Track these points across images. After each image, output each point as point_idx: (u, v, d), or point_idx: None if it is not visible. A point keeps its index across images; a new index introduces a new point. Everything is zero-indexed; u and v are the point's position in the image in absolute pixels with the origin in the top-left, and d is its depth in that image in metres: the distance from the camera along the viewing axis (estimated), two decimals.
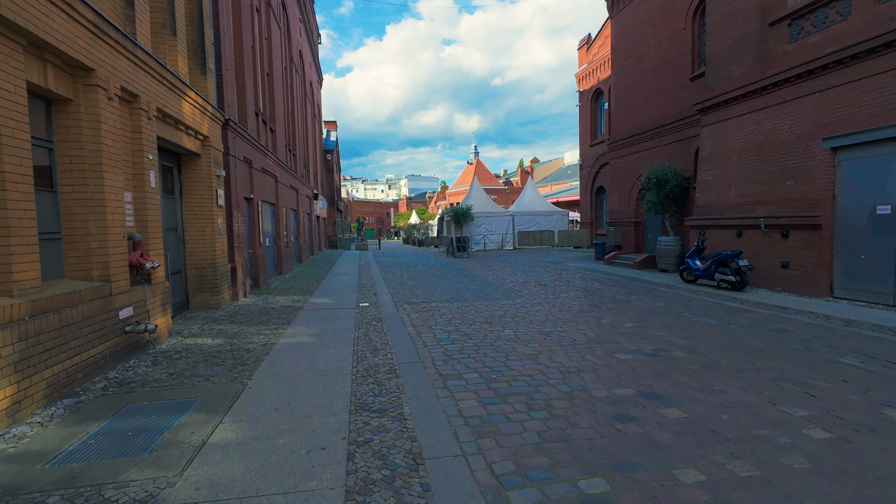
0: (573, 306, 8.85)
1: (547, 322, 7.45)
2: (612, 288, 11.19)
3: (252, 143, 11.46)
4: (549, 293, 10.52)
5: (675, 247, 13.46)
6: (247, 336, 6.46)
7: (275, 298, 10.02)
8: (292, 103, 20.09)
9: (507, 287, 11.59)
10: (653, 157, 15.33)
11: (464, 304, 9.12)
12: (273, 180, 14.61)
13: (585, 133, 26.70)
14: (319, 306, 8.98)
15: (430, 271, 15.87)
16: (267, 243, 13.54)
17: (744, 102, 10.80)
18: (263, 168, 12.91)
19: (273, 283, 12.84)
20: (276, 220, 14.84)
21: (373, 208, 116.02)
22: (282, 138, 16.45)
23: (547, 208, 29.79)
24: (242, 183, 10.63)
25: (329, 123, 41.56)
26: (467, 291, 10.92)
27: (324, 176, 36.02)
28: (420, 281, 13.17)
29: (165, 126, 6.78)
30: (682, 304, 8.92)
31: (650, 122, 15.53)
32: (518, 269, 15.75)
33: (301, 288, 11.77)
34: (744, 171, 10.80)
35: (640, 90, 16.07)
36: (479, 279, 13.29)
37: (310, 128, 26.74)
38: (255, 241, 11.67)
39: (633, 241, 16.70)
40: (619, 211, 17.49)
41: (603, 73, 24.48)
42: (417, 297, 10.14)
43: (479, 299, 9.76)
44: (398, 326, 7.13)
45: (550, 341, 6.19)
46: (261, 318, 7.77)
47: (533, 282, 12.56)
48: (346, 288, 11.61)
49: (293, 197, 18.73)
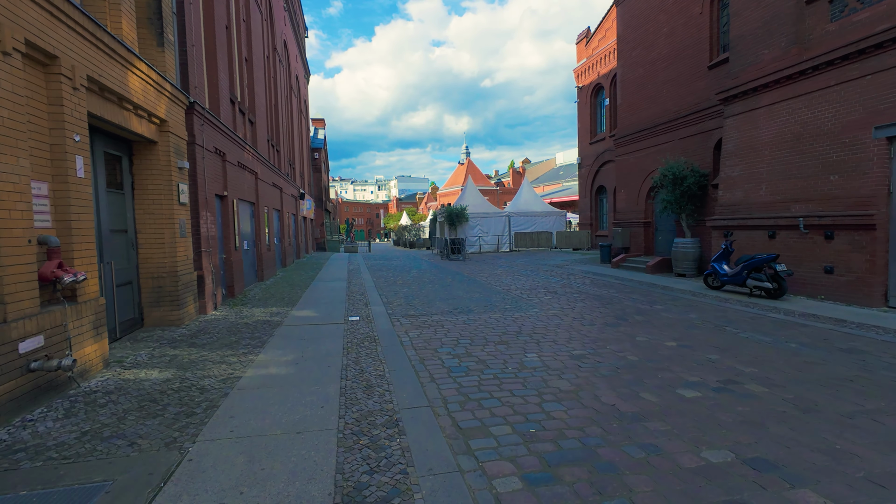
0: (596, 319, 7.66)
1: (573, 341, 6.23)
2: (630, 296, 10.04)
3: (226, 134, 10.10)
4: (563, 302, 9.33)
5: (693, 249, 12.38)
6: (206, 366, 5.12)
7: (250, 311, 8.67)
8: (276, 96, 18.69)
9: (513, 295, 10.38)
10: (665, 153, 14.26)
11: (470, 318, 7.87)
12: (252, 177, 13.22)
13: (584, 130, 25.69)
14: (302, 321, 7.66)
15: (425, 276, 14.61)
16: (245, 247, 12.16)
17: (776, 89, 9.74)
18: (240, 162, 11.54)
19: (251, 291, 11.46)
20: (256, 221, 13.45)
21: (362, 209, 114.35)
22: (263, 132, 15.07)
23: (544, 209, 28.72)
24: (213, 178, 9.26)
25: (317, 121, 40.05)
26: (471, 300, 9.68)
27: (311, 175, 34.54)
28: (416, 288, 11.90)
29: (104, 103, 5.43)
30: (719, 316, 7.79)
31: (662, 116, 14.47)
32: (520, 274, 14.56)
33: (283, 297, 10.41)
34: (777, 166, 9.74)
35: (651, 81, 15.01)
36: (481, 285, 12.06)
37: (296, 124, 25.31)
38: (230, 244, 10.30)
39: (643, 243, 15.62)
40: (627, 211, 16.41)
41: (603, 68, 23.49)
42: (415, 309, 8.87)
43: (487, 310, 8.53)
44: (396, 349, 5.85)
45: (587, 369, 4.97)
46: (229, 339, 6.43)
47: (541, 288, 11.37)
48: (334, 297, 10.29)
49: (276, 196, 17.33)
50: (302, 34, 30.57)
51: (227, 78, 10.60)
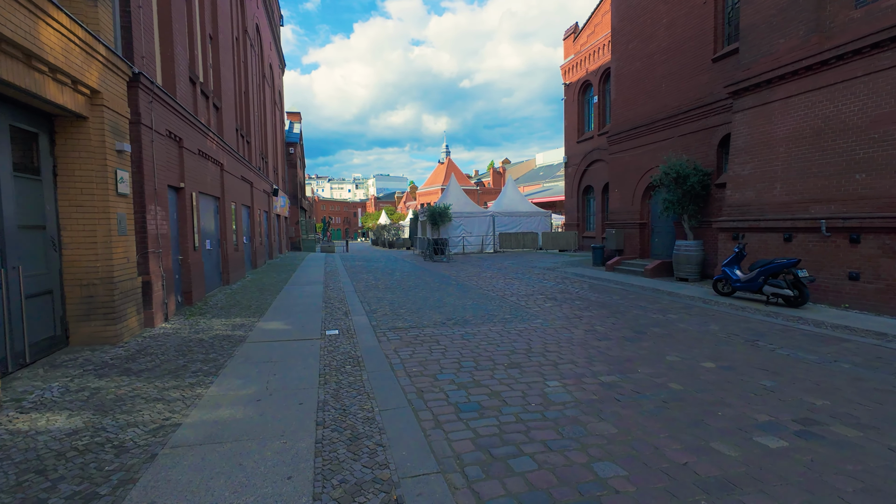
0: (610, 332, 6.72)
1: (595, 362, 5.25)
2: (637, 303, 9.18)
3: (184, 117, 8.74)
4: (567, 311, 8.38)
5: (696, 252, 11.67)
6: (135, 406, 3.89)
7: (209, 323, 7.38)
8: (247, 82, 17.21)
9: (510, 302, 9.38)
10: (664, 151, 13.55)
11: (468, 331, 6.81)
12: (217, 168, 11.82)
13: (572, 129, 25.01)
14: (270, 335, 6.44)
15: (409, 279, 13.48)
16: (207, 246, 10.78)
17: (794, 81, 9.05)
18: (202, 151, 10.17)
19: (214, 297, 10.10)
20: (221, 218, 12.05)
21: (339, 208, 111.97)
22: (231, 119, 13.64)
23: (529, 209, 27.94)
24: (166, 166, 7.92)
25: (292, 115, 38.27)
26: (464, 309, 8.63)
27: (286, 171, 32.85)
28: (401, 293, 10.76)
29: (3, 58, 4.13)
30: (744, 328, 6.97)
31: (660, 111, 13.76)
32: (511, 277, 13.60)
33: (250, 305, 9.12)
34: (794, 164, 9.05)
35: (648, 75, 14.30)
36: (472, 290, 11.02)
37: (269, 115, 23.74)
38: (188, 243, 8.94)
39: (638, 245, 14.91)
40: (621, 211, 15.68)
41: (592, 64, 22.84)
42: (403, 320, 7.75)
43: (485, 321, 7.49)
44: (385, 376, 4.73)
45: (628, 405, 3.98)
46: (176, 362, 5.18)
47: (538, 294, 10.41)
48: (309, 304, 9.07)
49: (246, 191, 15.88)
50: (277, 21, 28.92)
51: (185, 53, 9.23)
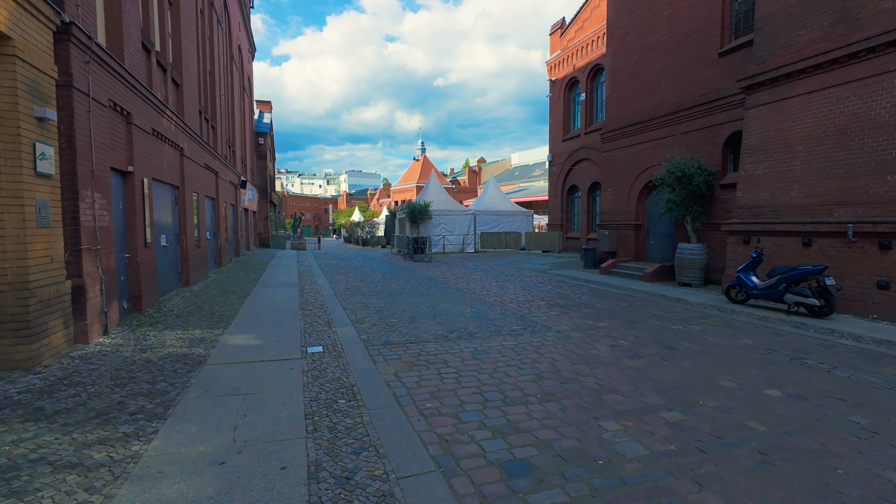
0: (639, 349, 5.85)
1: (644, 390, 4.33)
2: (648, 311, 8.40)
3: (133, 88, 7.33)
4: (577, 320, 7.49)
5: (700, 256, 11.06)
6: (31, 485, 2.66)
7: (161, 336, 6.05)
8: (212, 61, 15.58)
9: (512, 309, 8.42)
10: (664, 149, 12.95)
11: (478, 348, 5.79)
12: (176, 153, 10.32)
13: (557, 126, 24.39)
14: (238, 354, 5.21)
15: (393, 281, 12.33)
16: (163, 242, 9.31)
17: (817, 76, 8.48)
18: (157, 131, 8.71)
19: (170, 302, 8.67)
20: (180, 210, 10.56)
21: (310, 204, 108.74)
22: (194, 99, 12.10)
23: (511, 208, 27.19)
24: (110, 144, 6.52)
25: (263, 103, 36.17)
26: (464, 318, 7.60)
27: (255, 163, 30.89)
28: (388, 298, 9.62)
29: None
30: (779, 342, 6.25)
31: (660, 108, 13.15)
32: (502, 280, 12.67)
33: (213, 311, 7.79)
34: (815, 163, 8.48)
35: (647, 70, 13.67)
36: (466, 294, 10.00)
37: (237, 101, 21.97)
38: (137, 238, 7.52)
39: (633, 248, 14.29)
40: (615, 212, 15.04)
41: (580, 60, 22.25)
42: (397, 332, 6.64)
43: (493, 334, 6.49)
44: (395, 420, 3.62)
45: (720, 460, 3.05)
46: (109, 398, 3.91)
47: (538, 299, 9.51)
48: (284, 311, 7.82)
49: (211, 181, 14.30)
50: (247, 2, 27.03)
51: (136, 13, 7.78)
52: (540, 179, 51.74)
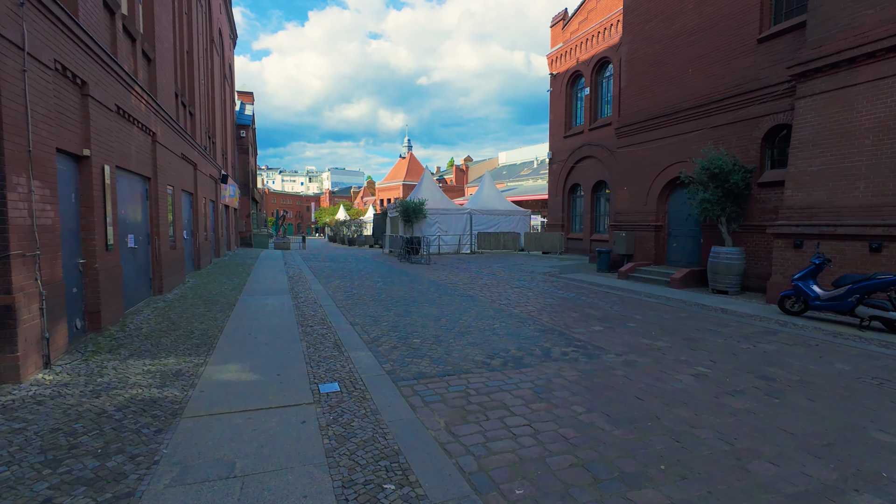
0: (729, 380, 4.72)
1: (791, 451, 3.18)
2: (699, 324, 7.34)
3: (90, 51, 5.87)
4: (628, 338, 6.35)
5: (737, 261, 10.09)
6: None
7: (123, 368, 4.65)
8: (190, 40, 13.96)
9: (544, 323, 7.24)
10: (690, 144, 11.98)
11: (536, 381, 4.56)
12: (148, 139, 8.81)
13: (558, 122, 23.39)
14: (226, 400, 3.87)
15: (396, 287, 11.02)
16: (130, 244, 7.82)
17: (888, 60, 7.54)
18: (124, 110, 7.23)
19: (138, 315, 7.20)
20: (152, 205, 9.04)
21: (291, 201, 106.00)
22: (168, 79, 10.56)
23: (508, 207, 26.10)
24: (55, 118, 5.08)
25: (244, 94, 34.22)
26: (497, 335, 6.37)
27: (236, 157, 29.05)
28: (397, 308, 8.32)
29: None
30: (882, 368, 5.22)
31: (685, 100, 12.17)
32: (515, 285, 11.49)
33: (191, 329, 6.37)
34: (885, 159, 7.55)
35: (670, 60, 12.68)
36: (484, 304, 8.78)
37: (218, 88, 20.25)
38: (96, 239, 6.05)
39: (652, 250, 13.30)
40: (632, 212, 14.04)
41: (584, 53, 21.26)
42: (427, 357, 5.36)
43: (541, 358, 5.28)
44: None
45: None
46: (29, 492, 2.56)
47: (568, 310, 8.36)
48: (279, 329, 6.45)
49: (188, 173, 12.72)
50: None
51: None
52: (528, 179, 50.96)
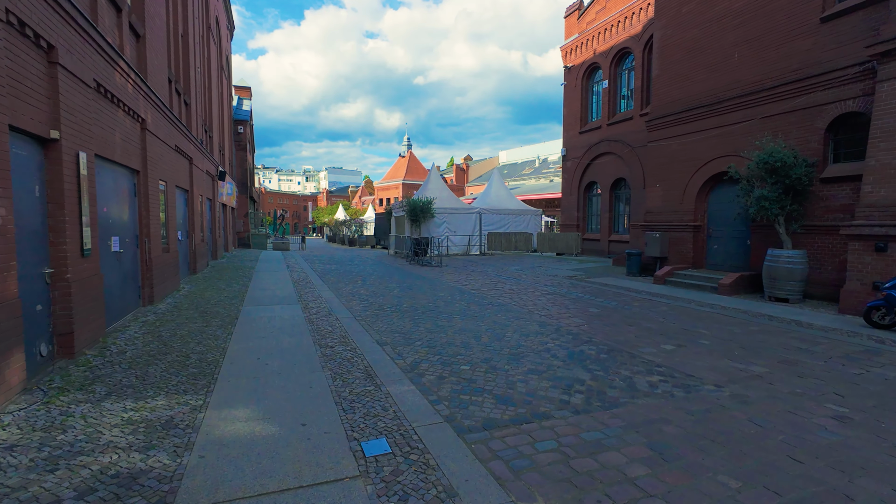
0: (881, 423, 3.64)
1: None
2: (783, 341, 6.26)
3: (59, 8, 4.72)
4: (712, 361, 5.25)
5: (799, 265, 9.03)
6: None
7: (96, 415, 3.50)
8: (186, 24, 12.78)
9: (601, 341, 6.13)
10: (736, 137, 10.92)
11: (640, 426, 3.45)
12: (136, 125, 7.65)
13: (572, 118, 22.32)
14: (235, 475, 2.73)
15: (417, 293, 9.88)
16: (115, 247, 6.65)
17: None
18: (104, 87, 6.07)
19: (123, 333, 6.04)
20: (141, 202, 7.88)
21: (288, 201, 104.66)
22: (161, 61, 9.39)
23: (519, 206, 25.01)
24: (6, 85, 3.93)
25: (242, 89, 32.97)
26: (557, 358, 5.25)
27: (234, 154, 27.81)
28: (426, 320, 7.18)
29: None
30: None
31: (730, 88, 11.11)
32: (545, 291, 10.39)
33: (186, 354, 5.22)
34: None
35: (711, 45, 11.62)
36: (521, 315, 7.65)
37: (215, 80, 19.05)
38: (69, 243, 4.90)
39: (691, 253, 12.24)
40: (666, 211, 12.97)
41: (602, 45, 20.21)
42: (487, 392, 4.24)
43: (630, 393, 4.17)
44: None
45: None
46: None
47: (620, 323, 7.26)
48: (293, 352, 5.31)
49: (183, 168, 11.55)
50: None
51: None
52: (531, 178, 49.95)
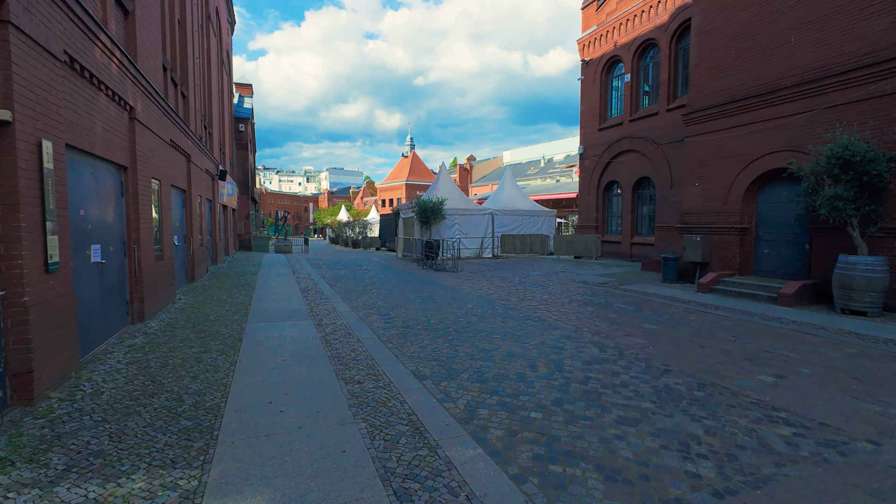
0: None
1: None
2: (889, 365, 5.17)
3: None
4: (837, 399, 4.14)
5: (880, 273, 7.93)
6: None
7: None
8: (182, 8, 11.70)
9: (679, 370, 5.04)
10: (792, 130, 9.84)
11: None
12: (123, 115, 6.56)
13: (591, 113, 21.24)
14: None
15: (443, 306, 8.78)
16: (96, 257, 5.56)
17: None
18: (79, 63, 4.99)
19: (102, 364, 4.93)
20: (129, 203, 6.78)
21: (289, 202, 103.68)
22: (153, 42, 8.31)
23: (532, 207, 23.93)
24: None
25: (243, 87, 31.90)
26: (648, 400, 4.15)
27: (234, 153, 26.74)
28: (467, 345, 6.08)
29: None
30: None
31: (785, 76, 10.02)
32: (580, 301, 9.29)
33: (179, 394, 4.12)
34: None
35: (763, 29, 10.53)
36: (569, 334, 6.55)
37: (215, 74, 17.97)
38: (27, 256, 3.81)
39: (737, 258, 11.14)
40: (707, 212, 11.88)
41: (623, 36, 19.13)
42: (575, 455, 3.11)
43: (771, 455, 3.07)
44: None
45: None
46: None
47: (687, 342, 6.17)
48: (313, 391, 4.20)
49: (180, 166, 10.46)
50: None
51: None
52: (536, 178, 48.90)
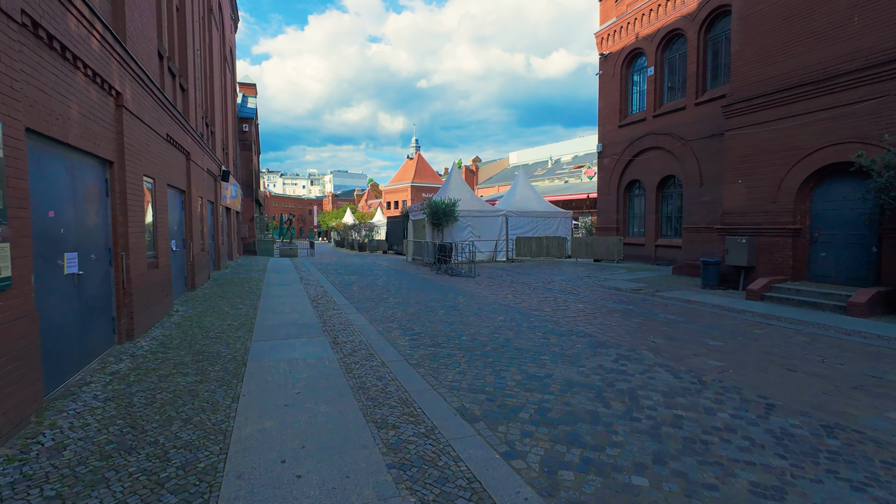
0: None
1: None
2: None
3: None
4: None
5: None
6: None
7: None
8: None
9: (780, 404, 4.06)
10: (852, 120, 8.85)
11: None
12: (107, 100, 5.66)
13: (610, 110, 20.27)
14: None
15: (470, 318, 7.81)
16: (71, 267, 4.63)
17: None
18: (45, 28, 4.09)
19: (76, 401, 4.00)
20: (117, 204, 5.87)
21: (293, 205, 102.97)
22: (145, 23, 7.42)
23: (547, 208, 22.92)
24: None
25: (246, 86, 31.13)
26: (775, 455, 3.18)
27: (238, 154, 25.93)
28: (513, 369, 5.11)
29: None
30: None
31: (848, 59, 9.03)
32: (618, 309, 8.30)
33: (164, 448, 3.17)
34: None
35: (818, 8, 9.56)
36: (625, 352, 5.58)
37: (217, 70, 17.13)
38: None
39: (789, 261, 10.14)
40: (751, 212, 10.88)
41: (646, 27, 18.17)
42: None
43: None
44: None
45: None
46: None
47: (768, 364, 5.17)
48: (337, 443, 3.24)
49: (178, 164, 9.56)
50: None
51: None
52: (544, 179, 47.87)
